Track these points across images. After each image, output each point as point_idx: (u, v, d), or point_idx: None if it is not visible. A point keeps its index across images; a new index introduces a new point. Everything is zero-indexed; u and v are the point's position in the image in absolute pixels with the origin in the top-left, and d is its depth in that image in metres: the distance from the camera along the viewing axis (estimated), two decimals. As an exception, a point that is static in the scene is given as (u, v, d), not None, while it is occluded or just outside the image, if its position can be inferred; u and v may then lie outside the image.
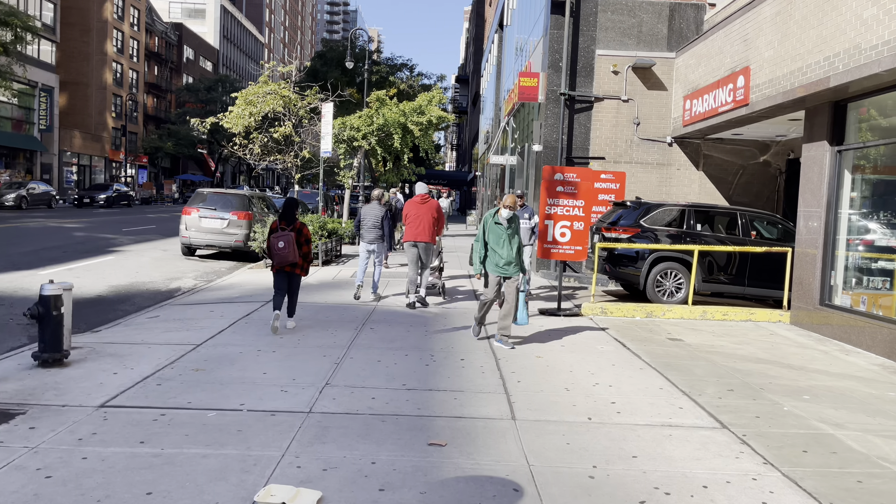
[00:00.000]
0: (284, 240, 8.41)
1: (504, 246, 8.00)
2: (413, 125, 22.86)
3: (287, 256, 8.45)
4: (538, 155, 15.88)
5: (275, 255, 8.47)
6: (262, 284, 12.79)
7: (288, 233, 8.48)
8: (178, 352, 7.52)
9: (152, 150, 64.54)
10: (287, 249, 8.42)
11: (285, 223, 8.61)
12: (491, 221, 8.08)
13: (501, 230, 8.00)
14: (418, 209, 11.04)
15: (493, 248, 8.06)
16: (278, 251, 8.44)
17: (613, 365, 7.64)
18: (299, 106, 16.30)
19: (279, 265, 8.56)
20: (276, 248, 8.44)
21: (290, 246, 8.41)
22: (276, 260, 8.48)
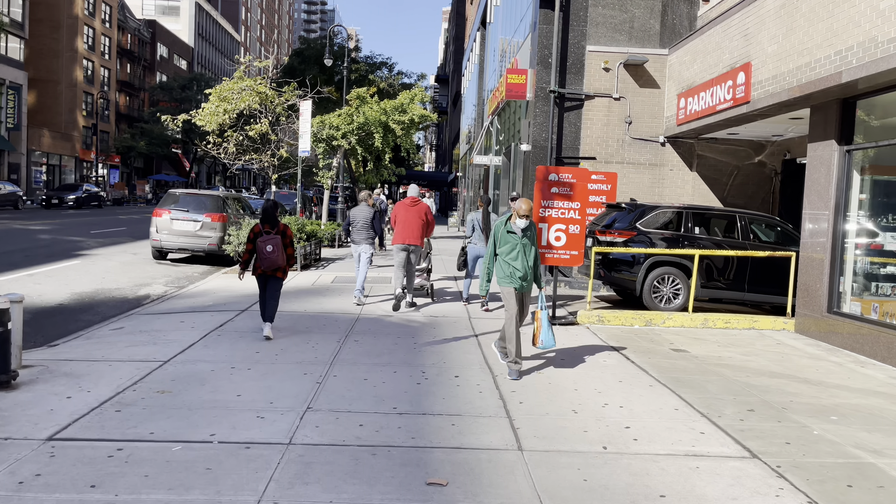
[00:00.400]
0: (273, 243, 8.18)
1: (519, 257, 7.01)
2: (395, 124, 22.23)
3: (277, 260, 8.23)
4: (527, 155, 15.30)
5: (263, 259, 8.20)
6: (237, 291, 12.06)
7: (274, 236, 8.26)
8: (142, 370, 6.79)
9: (125, 149, 63.09)
10: (276, 253, 8.19)
11: (269, 226, 8.33)
12: (503, 230, 7.12)
13: (515, 240, 7.03)
14: (408, 212, 10.81)
15: (505, 261, 7.07)
16: (267, 255, 8.17)
17: (620, 381, 7.04)
18: (276, 103, 15.56)
19: (267, 268, 8.29)
20: (265, 251, 8.17)
21: (278, 249, 8.20)
22: (265, 264, 8.22)
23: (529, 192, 14.75)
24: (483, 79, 29.67)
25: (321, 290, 12.50)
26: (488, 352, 8.11)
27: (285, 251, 8.38)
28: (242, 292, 11.95)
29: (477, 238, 11.33)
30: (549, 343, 7.31)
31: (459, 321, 10.06)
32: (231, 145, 15.29)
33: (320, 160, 24.18)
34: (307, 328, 9.13)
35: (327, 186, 23.75)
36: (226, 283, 13.31)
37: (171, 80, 73.54)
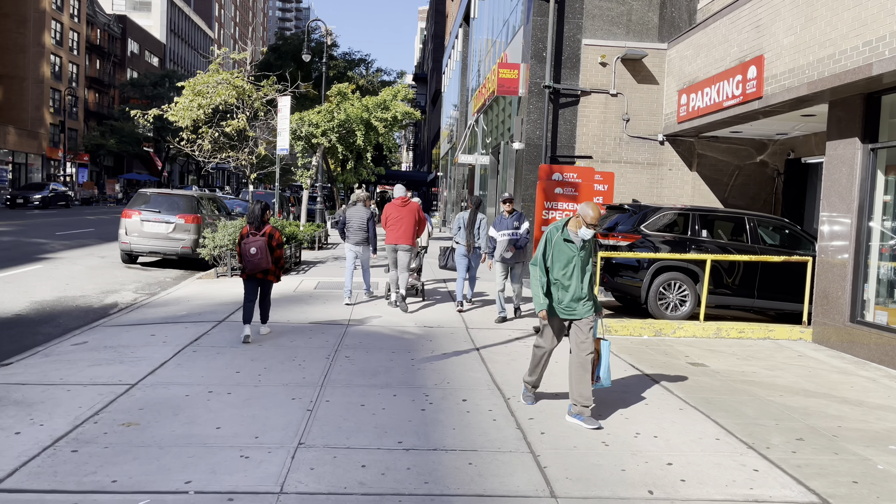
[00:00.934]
0: (256, 245, 8.00)
1: (574, 275, 5.66)
2: (377, 121, 21.42)
3: (260, 263, 8.04)
4: (519, 154, 14.58)
5: (247, 261, 8.06)
6: (213, 298, 11.17)
7: (259, 237, 8.06)
8: (106, 396, 5.93)
9: (94, 147, 61.36)
10: (259, 256, 8.00)
11: (255, 228, 8.17)
12: (558, 237, 5.63)
13: (573, 251, 5.62)
14: (399, 212, 10.64)
15: (556, 279, 5.68)
16: (250, 258, 8.01)
17: (646, 404, 6.33)
18: (254, 98, 14.67)
19: (251, 272, 8.15)
20: (248, 254, 8.01)
21: (262, 252, 8.01)
22: (249, 267, 8.07)
23: (525, 193, 14.05)
24: (466, 76, 28.93)
25: (304, 296, 11.66)
26: (494, 369, 7.36)
27: (272, 254, 8.16)
28: (219, 300, 11.07)
29: (461, 238, 10.90)
30: (606, 380, 5.79)
31: (456, 332, 9.29)
32: (206, 142, 14.37)
33: (299, 159, 23.27)
34: (292, 342, 8.30)
35: (306, 186, 22.85)
36: (201, 289, 12.41)
37: (143, 76, 71.80)
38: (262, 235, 8.11)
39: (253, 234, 8.12)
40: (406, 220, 10.60)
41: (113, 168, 70.32)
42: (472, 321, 10.08)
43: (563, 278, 5.69)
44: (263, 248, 8.00)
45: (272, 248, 8.18)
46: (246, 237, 8.12)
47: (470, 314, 10.61)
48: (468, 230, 10.78)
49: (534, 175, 14.01)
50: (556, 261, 5.68)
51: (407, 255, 10.62)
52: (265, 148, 15.33)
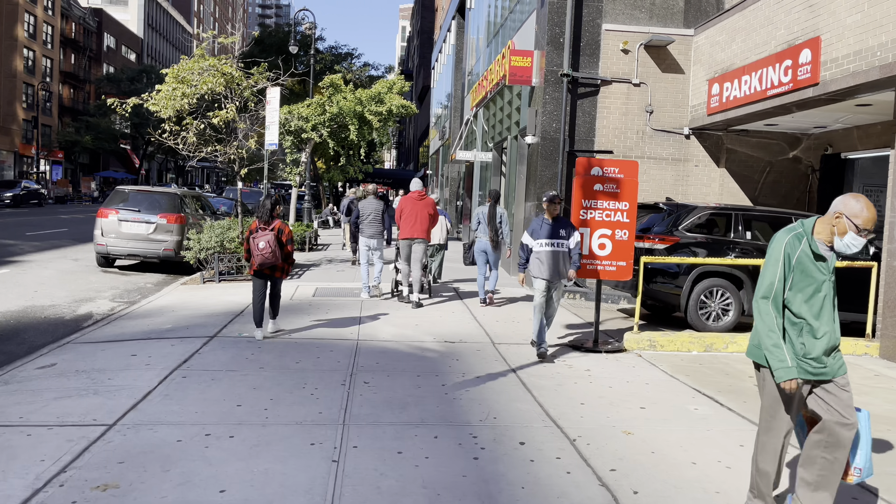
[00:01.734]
0: (265, 240, 7.81)
1: (825, 311, 3.69)
2: (371, 115, 20.20)
3: (269, 258, 7.83)
4: (532, 148, 13.46)
5: (255, 256, 7.86)
6: (201, 307, 9.93)
7: (268, 232, 7.88)
8: (76, 443, 4.72)
9: (68, 144, 59.36)
10: (268, 250, 7.79)
11: (264, 222, 7.97)
12: (802, 250, 3.67)
13: (824, 274, 3.69)
14: (414, 206, 10.59)
15: (799, 318, 3.69)
16: (259, 252, 7.81)
17: (741, 445, 5.22)
18: (244, 86, 13.39)
19: (261, 267, 7.95)
20: (257, 248, 7.82)
21: (270, 246, 7.80)
22: (259, 261, 7.85)
23: (539, 191, 12.93)
24: (460, 70, 27.78)
25: (303, 305, 10.45)
26: (543, 398, 6.22)
27: (281, 249, 7.98)
28: (208, 309, 9.83)
29: (482, 232, 10.95)
30: (867, 470, 3.76)
31: (483, 349, 8.15)
32: (191, 134, 13.08)
33: (288, 155, 21.98)
34: (298, 362, 7.11)
35: (295, 184, 21.58)
36: (186, 296, 11.15)
37: (119, 71, 69.76)
38: (272, 230, 7.90)
39: (262, 229, 7.91)
40: (422, 214, 10.51)
41: (88, 166, 68.23)
42: (496, 334, 8.94)
43: (810, 316, 3.68)
44: (273, 242, 7.81)
45: (281, 244, 8.00)
46: (255, 232, 7.92)
47: (493, 325, 9.47)
48: (489, 224, 10.79)
49: (550, 171, 12.90)
50: (797, 289, 3.69)
51: (421, 249, 10.59)
52: (255, 141, 14.04)
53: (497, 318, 10.08)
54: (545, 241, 7.74)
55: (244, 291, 11.57)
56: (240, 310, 9.92)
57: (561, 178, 12.73)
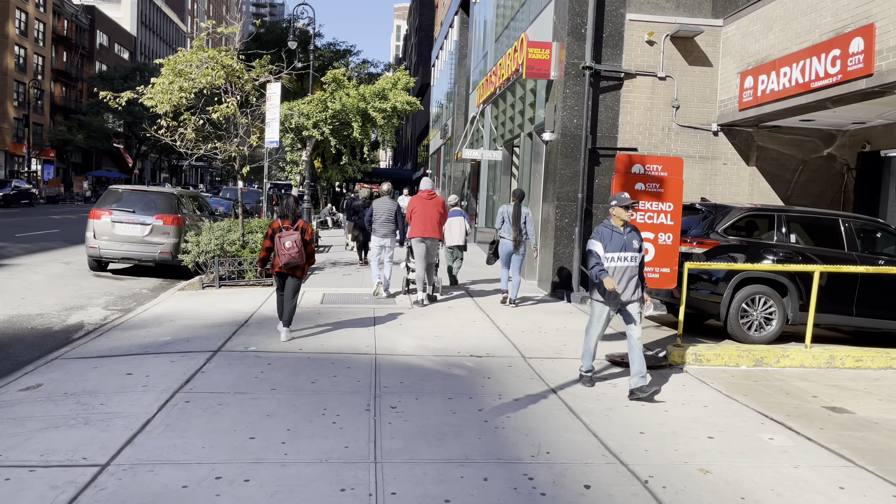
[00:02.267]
0: (291, 239, 7.75)
1: None
2: (375, 112, 19.45)
3: (295, 257, 7.77)
4: (551, 146, 12.74)
5: (282, 255, 7.77)
6: (202, 316, 9.17)
7: (294, 231, 7.82)
8: (62, 489, 3.97)
9: (60, 143, 58.32)
10: (294, 250, 7.74)
11: (289, 221, 7.91)
12: None
13: None
14: (425, 205, 10.60)
15: None
16: (286, 251, 7.74)
17: (842, 488, 4.49)
18: (245, 79, 12.61)
19: (285, 267, 7.87)
20: (283, 248, 7.75)
21: (297, 246, 7.75)
22: (284, 260, 7.79)
23: (560, 191, 12.21)
24: (464, 67, 27.04)
25: (311, 314, 9.70)
26: (596, 425, 5.49)
27: (305, 249, 7.89)
28: (209, 319, 9.08)
29: (506, 231, 10.69)
30: None
31: (515, 364, 7.42)
32: (189, 131, 12.29)
33: (288, 153, 21.23)
34: (314, 383, 6.36)
35: (296, 183, 20.83)
36: (185, 304, 10.38)
37: (112, 69, 68.73)
38: (296, 229, 7.84)
39: (286, 228, 7.83)
40: (433, 213, 10.55)
41: (81, 165, 67.17)
42: (525, 347, 8.21)
43: None
44: (299, 242, 7.74)
45: (305, 243, 7.89)
46: (279, 231, 7.83)
47: (520, 336, 8.73)
48: (514, 224, 10.53)
49: (570, 170, 12.18)
50: None
51: (435, 248, 10.72)
52: (257, 138, 13.25)
53: (522, 327, 9.35)
54: (616, 255, 6.29)
55: (246, 298, 10.81)
56: (243, 319, 9.17)
57: (582, 177, 12.00)
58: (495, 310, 10.55)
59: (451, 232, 12.06)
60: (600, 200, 12.29)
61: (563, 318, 10.28)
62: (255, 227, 13.59)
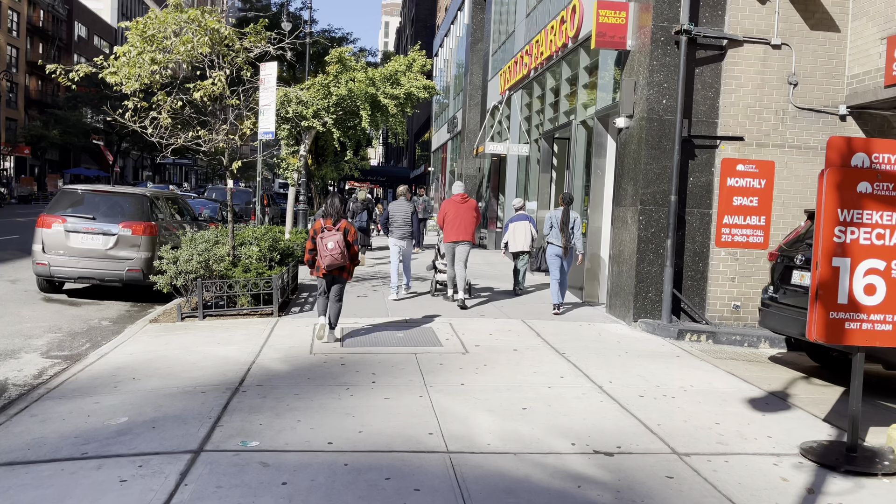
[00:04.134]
0: (334, 240, 7.44)
1: None
2: (386, 99, 16.64)
3: (338, 259, 7.45)
4: (629, 134, 10.00)
5: (324, 257, 7.44)
6: (178, 370, 6.35)
7: (336, 232, 7.50)
8: None
9: (34, 139, 54.99)
10: (337, 251, 7.42)
11: (331, 221, 7.58)
12: None
13: None
14: (458, 208, 10.56)
15: None
16: (329, 252, 7.42)
17: None
18: (237, 48, 9.77)
19: (328, 269, 7.54)
20: (326, 249, 7.43)
21: (340, 247, 7.44)
22: (327, 262, 7.44)
23: (644, 193, 9.49)
24: (477, 53, 24.23)
25: (333, 369, 6.89)
26: None
27: (349, 250, 7.61)
28: (188, 376, 6.27)
29: (554, 237, 10.15)
30: None
31: (673, 469, 4.66)
32: (164, 115, 9.46)
33: (283, 147, 18.39)
34: None
35: (293, 182, 17.99)
36: (157, 346, 7.55)
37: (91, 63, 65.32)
38: (338, 230, 7.59)
39: (328, 228, 7.58)
40: (466, 216, 10.51)
41: (58, 162, 63.74)
42: (664, 428, 5.44)
43: None
44: (342, 243, 7.50)
45: (348, 244, 7.64)
46: (321, 231, 7.60)
47: (638, 403, 5.97)
48: (563, 230, 10.03)
49: (657, 165, 9.46)
50: None
51: (466, 251, 10.54)
52: (253, 124, 10.34)
53: (633, 386, 6.61)
54: None
55: (240, 336, 8.01)
56: (237, 377, 6.37)
57: (676, 174, 9.28)
58: (573, 347, 7.81)
59: (515, 237, 11.55)
60: (695, 204, 9.57)
61: (675, 366, 7.56)
62: (249, 238, 10.77)
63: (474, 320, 9.54)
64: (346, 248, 7.53)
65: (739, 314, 9.61)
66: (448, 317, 9.67)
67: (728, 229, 9.54)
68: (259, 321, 9.06)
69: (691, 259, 9.63)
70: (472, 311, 10.22)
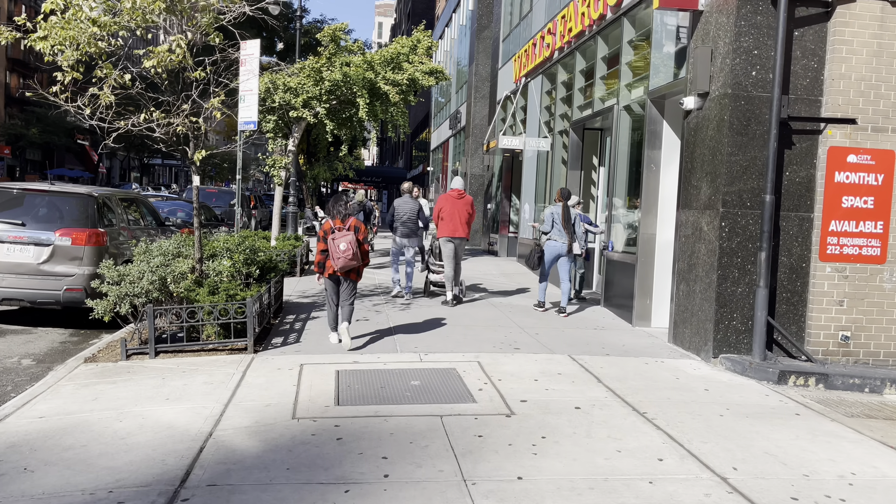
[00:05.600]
0: (346, 241, 7.11)
1: None
2: (387, 85, 14.48)
3: (351, 260, 7.14)
4: (701, 116, 7.85)
5: (337, 258, 7.12)
6: (101, 447, 4.14)
7: (347, 232, 7.17)
8: None
9: (13, 138, 52.55)
10: (349, 252, 7.10)
11: (340, 221, 7.26)
12: None
13: None
14: (454, 204, 10.26)
15: None
16: (341, 254, 7.09)
17: None
18: (203, 6, 7.56)
19: (340, 270, 7.20)
20: (338, 250, 7.10)
21: (352, 248, 7.11)
22: (339, 264, 7.13)
23: (728, 191, 7.34)
24: (483, 40, 22.08)
25: (321, 453, 4.69)
26: None
27: (359, 249, 7.22)
28: (112, 462, 4.03)
29: (557, 234, 9.61)
30: None
31: None
32: (106, 91, 7.29)
33: (269, 142, 16.20)
34: None
35: (280, 181, 15.80)
36: (81, 403, 5.33)
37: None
38: (349, 229, 7.19)
39: (339, 229, 7.17)
40: (462, 212, 10.24)
41: (40, 163, 61.25)
42: None
43: None
44: (354, 243, 7.12)
45: (359, 243, 7.21)
46: (331, 232, 7.17)
47: None
48: (565, 226, 9.58)
49: (745, 156, 7.32)
50: None
51: (462, 246, 10.33)
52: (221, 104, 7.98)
53: (755, 466, 4.45)
54: None
55: (199, 385, 5.80)
56: (182, 467, 4.19)
57: (772, 166, 7.13)
58: (652, 401, 5.66)
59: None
60: (792, 206, 7.44)
61: (804, 433, 5.39)
62: (221, 248, 8.58)
63: (508, 357, 7.38)
64: (358, 247, 7.21)
65: (849, 347, 7.47)
66: (473, 350, 7.52)
67: (835, 238, 7.40)
68: (228, 360, 6.89)
69: (786, 277, 7.48)
70: (501, 341, 8.06)
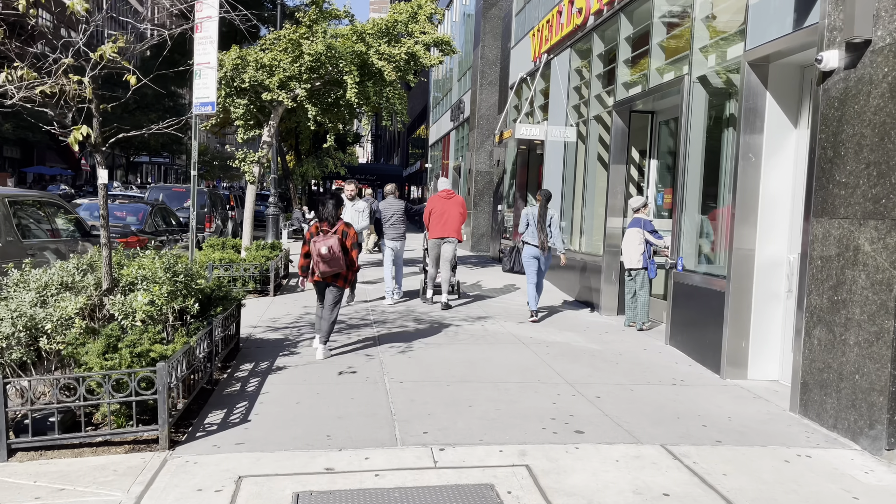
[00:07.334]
0: (327, 245, 6.71)
1: None
2: (381, 60, 11.82)
3: (333, 265, 6.76)
4: (845, 80, 5.19)
5: (317, 263, 6.82)
6: None
7: (332, 236, 6.84)
8: None
9: (-13, 134, 49.74)
10: (331, 256, 6.70)
11: (327, 224, 6.94)
12: None
13: None
14: (444, 204, 10.10)
15: None
16: (321, 257, 6.72)
17: None
18: None
19: (322, 276, 6.88)
20: (319, 254, 6.72)
21: (333, 252, 6.71)
22: (321, 268, 6.81)
23: None
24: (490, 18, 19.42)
25: None
26: None
27: (346, 255, 6.90)
28: None
29: (530, 235, 9.30)
30: None
31: None
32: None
33: (239, 132, 13.50)
34: None
35: (252, 179, 13.09)
36: None
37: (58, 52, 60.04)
38: (335, 233, 6.90)
39: (324, 232, 6.90)
40: (452, 213, 10.05)
41: (19, 160, 58.41)
42: None
43: None
44: (337, 248, 6.76)
45: (346, 248, 6.93)
46: (316, 235, 6.92)
47: None
48: (539, 226, 9.21)
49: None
50: None
51: (452, 249, 10.13)
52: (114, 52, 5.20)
53: None
54: None
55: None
56: None
57: None
58: None
59: (626, 249, 8.88)
60: None
61: None
62: (147, 270, 5.88)
63: (571, 454, 4.69)
64: (344, 254, 6.85)
65: None
66: (514, 437, 4.86)
67: None
68: (123, 468, 4.24)
69: None
70: (550, 412, 5.39)
